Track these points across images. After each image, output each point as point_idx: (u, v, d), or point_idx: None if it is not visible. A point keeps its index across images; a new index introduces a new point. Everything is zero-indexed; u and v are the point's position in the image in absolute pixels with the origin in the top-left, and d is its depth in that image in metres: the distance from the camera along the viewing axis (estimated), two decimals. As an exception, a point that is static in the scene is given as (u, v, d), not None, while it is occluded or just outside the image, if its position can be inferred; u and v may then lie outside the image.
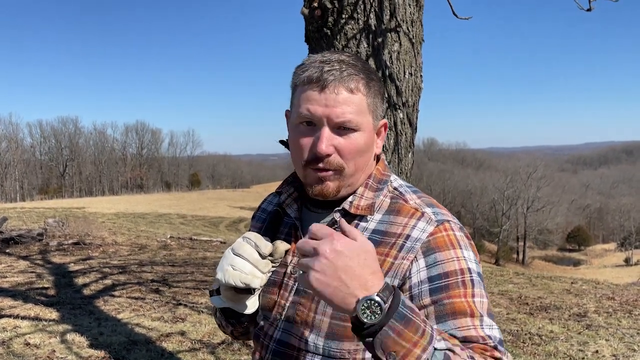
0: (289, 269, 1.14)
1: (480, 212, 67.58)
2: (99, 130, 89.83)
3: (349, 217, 1.10)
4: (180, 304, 6.60)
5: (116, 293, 7.17)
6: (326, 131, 1.03)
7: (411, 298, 1.00)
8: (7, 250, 10.65)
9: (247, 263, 1.06)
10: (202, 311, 6.26)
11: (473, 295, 0.99)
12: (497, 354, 0.94)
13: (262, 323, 1.17)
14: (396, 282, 1.01)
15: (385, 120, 1.14)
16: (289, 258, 1.14)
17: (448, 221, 1.06)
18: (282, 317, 1.12)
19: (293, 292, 1.12)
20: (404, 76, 2.50)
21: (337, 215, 1.10)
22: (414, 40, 2.53)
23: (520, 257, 56.54)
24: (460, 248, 1.03)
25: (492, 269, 13.61)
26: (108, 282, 7.91)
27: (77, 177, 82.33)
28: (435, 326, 0.95)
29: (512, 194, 62.93)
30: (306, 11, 2.49)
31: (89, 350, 4.73)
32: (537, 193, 62.43)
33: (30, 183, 75.37)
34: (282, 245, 1.11)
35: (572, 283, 9.97)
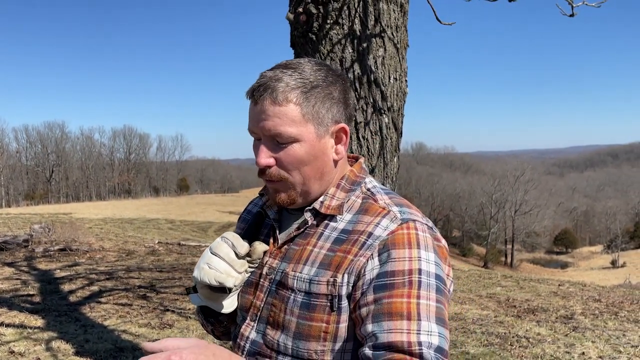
0: (265, 270, 1.14)
1: (469, 215, 67.96)
2: (86, 135, 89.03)
3: (320, 216, 1.11)
4: (167, 310, 6.56)
5: (103, 299, 7.10)
6: (264, 144, 1.07)
7: (361, 295, 1.00)
8: (-8, 257, 10.52)
9: (222, 262, 1.09)
10: (190, 317, 6.22)
11: (418, 297, 0.96)
12: None
13: (239, 323, 1.18)
14: (352, 279, 1.01)
15: (342, 125, 1.10)
16: (266, 259, 1.15)
17: (414, 220, 1.05)
18: (257, 318, 1.13)
19: (268, 293, 1.12)
20: (389, 81, 2.52)
21: (307, 215, 1.11)
22: (398, 46, 2.55)
23: (509, 259, 56.87)
24: (419, 248, 1.01)
25: (481, 272, 13.68)
26: (95, 288, 7.84)
27: (63, 183, 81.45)
28: (370, 326, 0.96)
29: (500, 197, 63.39)
30: (291, 16, 2.50)
31: (74, 358, 4.68)
32: (525, 196, 62.93)
33: (16, 188, 74.41)
34: (260, 247, 1.13)
35: (559, 285, 10.07)
